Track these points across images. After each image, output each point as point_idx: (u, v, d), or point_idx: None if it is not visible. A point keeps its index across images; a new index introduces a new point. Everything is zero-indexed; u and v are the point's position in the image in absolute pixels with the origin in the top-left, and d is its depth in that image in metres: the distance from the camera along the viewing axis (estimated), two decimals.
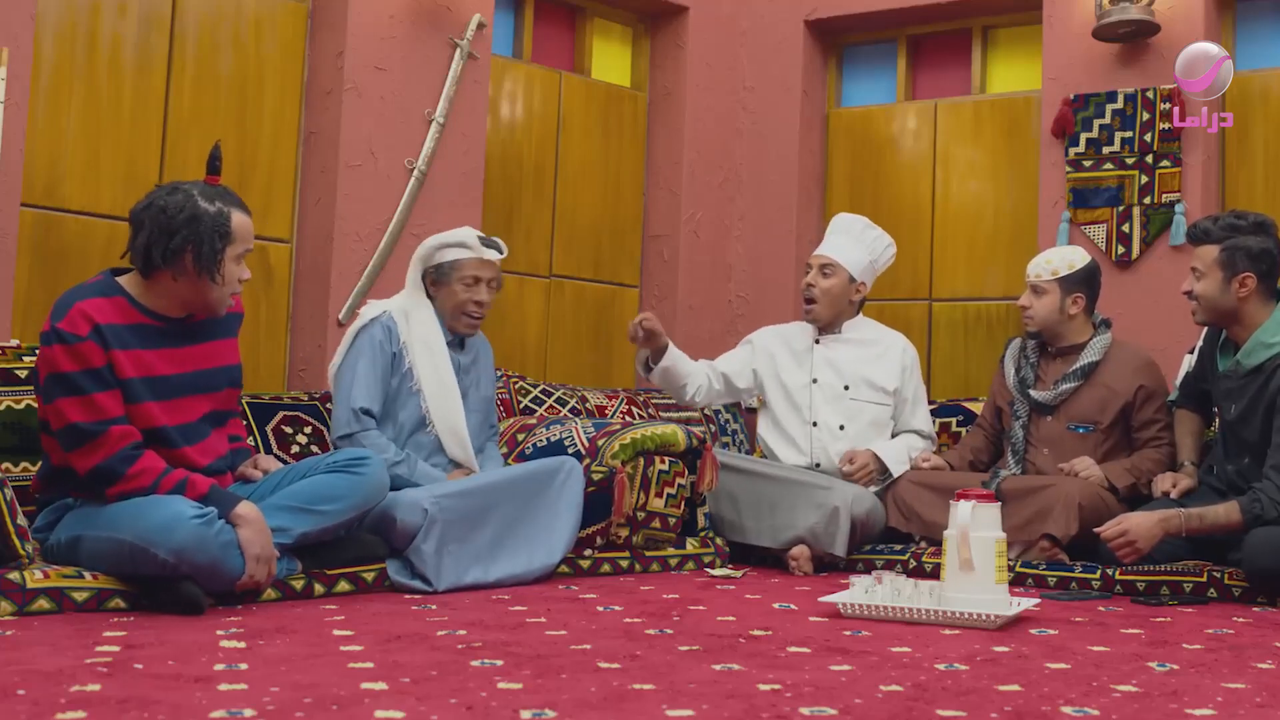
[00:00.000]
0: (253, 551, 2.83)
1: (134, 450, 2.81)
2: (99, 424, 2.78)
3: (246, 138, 4.30)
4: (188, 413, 2.98)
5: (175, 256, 2.85)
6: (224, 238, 2.88)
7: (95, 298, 2.84)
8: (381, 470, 3.21)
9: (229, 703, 1.86)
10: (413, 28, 4.51)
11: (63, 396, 2.78)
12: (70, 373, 2.78)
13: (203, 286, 2.90)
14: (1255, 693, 2.20)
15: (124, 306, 2.87)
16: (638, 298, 5.50)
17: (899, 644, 2.62)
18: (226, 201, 2.91)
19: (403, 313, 3.65)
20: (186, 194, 2.88)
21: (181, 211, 2.84)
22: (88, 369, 2.78)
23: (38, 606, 2.66)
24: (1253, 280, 3.58)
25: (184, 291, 2.91)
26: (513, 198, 5.06)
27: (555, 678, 2.13)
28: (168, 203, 2.86)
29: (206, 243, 2.85)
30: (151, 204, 2.88)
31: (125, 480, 2.79)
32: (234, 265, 2.93)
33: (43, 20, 3.84)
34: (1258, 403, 3.56)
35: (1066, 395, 4.06)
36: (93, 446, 2.79)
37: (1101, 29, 4.68)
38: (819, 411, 4.32)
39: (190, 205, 2.85)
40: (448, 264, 3.66)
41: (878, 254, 4.40)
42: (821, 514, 3.93)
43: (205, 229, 2.85)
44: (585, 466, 3.71)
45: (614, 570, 3.76)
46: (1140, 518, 3.45)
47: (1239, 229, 3.61)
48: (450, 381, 3.63)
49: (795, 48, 5.49)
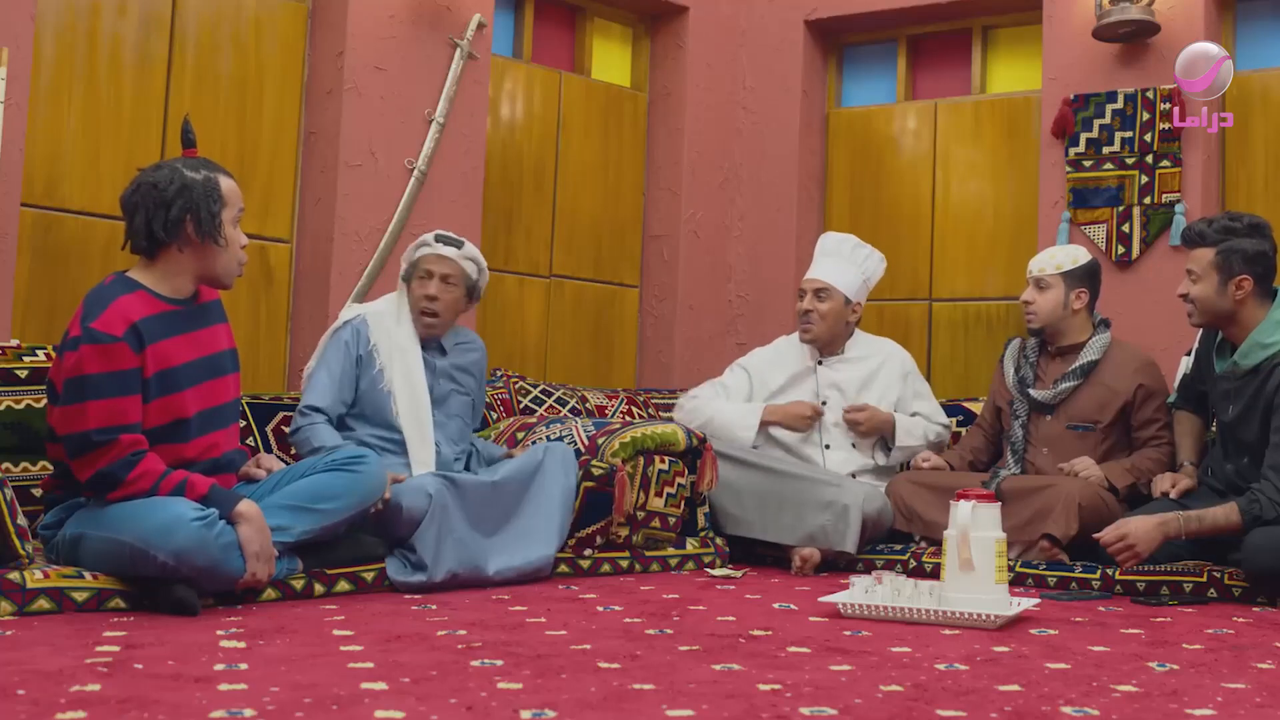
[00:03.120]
0: (252, 549, 2.83)
1: (135, 456, 2.80)
2: (111, 430, 2.77)
3: (246, 138, 4.30)
4: (216, 396, 3.02)
5: (176, 226, 2.89)
6: (217, 201, 2.93)
7: (124, 294, 2.87)
8: (379, 468, 3.22)
9: (229, 703, 1.86)
10: (413, 28, 4.51)
11: (82, 401, 2.77)
12: (95, 375, 2.77)
13: (209, 253, 2.94)
14: (1255, 693, 2.20)
15: (146, 298, 2.90)
16: (638, 298, 5.50)
17: (899, 644, 2.62)
18: (210, 169, 2.97)
19: (381, 315, 3.69)
20: (171, 168, 2.93)
21: (171, 184, 2.89)
22: (115, 371, 2.78)
23: (38, 606, 2.66)
24: (1249, 282, 3.59)
25: (192, 263, 2.95)
26: (513, 198, 5.06)
27: (555, 678, 2.13)
28: (156, 179, 2.91)
29: (203, 207, 2.90)
30: (140, 185, 2.92)
31: (126, 485, 2.79)
32: (232, 229, 2.98)
33: (43, 20, 3.84)
34: (1255, 403, 3.56)
35: (1066, 394, 4.06)
36: (98, 455, 2.78)
37: (1101, 29, 4.68)
38: (829, 434, 4.32)
39: (178, 176, 2.91)
40: (412, 263, 3.74)
41: (870, 272, 4.43)
42: (832, 512, 3.93)
43: (198, 195, 2.90)
44: (584, 462, 3.71)
45: (614, 570, 3.76)
46: (1139, 522, 3.45)
47: (1234, 231, 3.61)
48: (420, 384, 3.65)
49: (795, 48, 5.49)
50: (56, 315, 3.90)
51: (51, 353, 3.35)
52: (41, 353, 3.34)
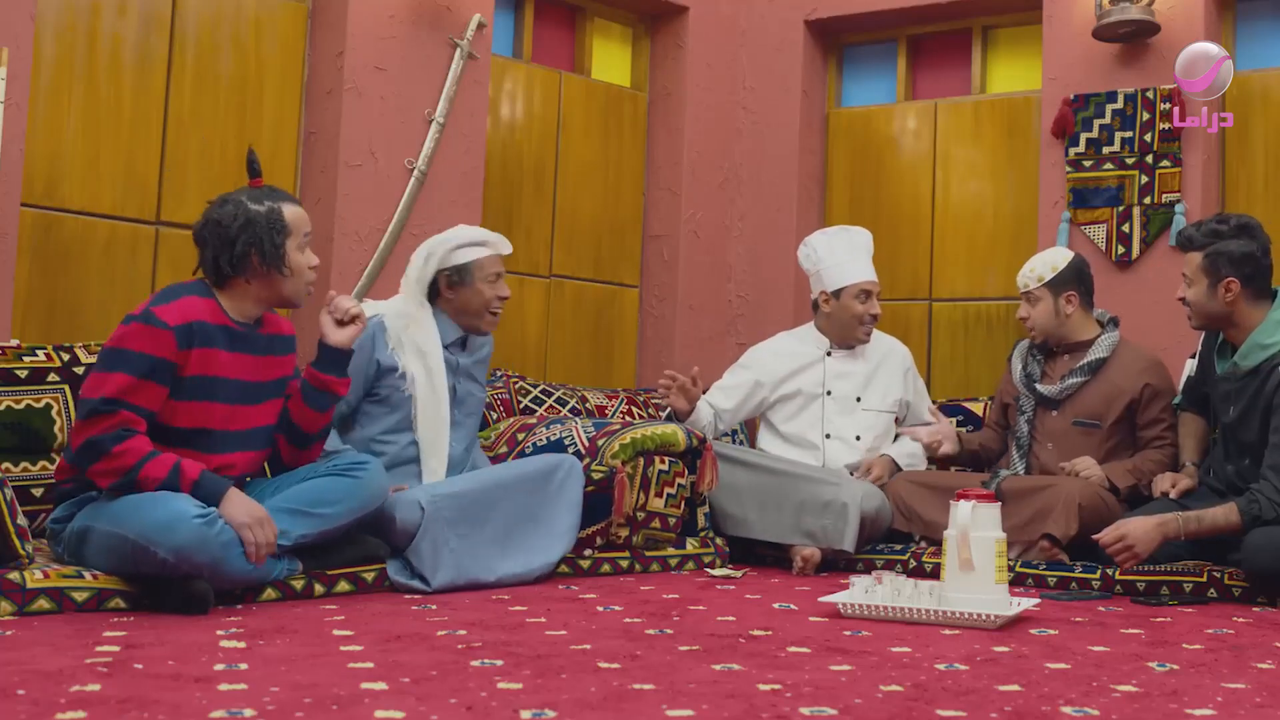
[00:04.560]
0: (239, 520, 2.83)
1: (126, 432, 2.82)
2: (118, 403, 2.81)
3: (246, 138, 4.30)
4: (248, 419, 3.06)
5: (243, 261, 3.00)
6: (280, 231, 3.03)
7: (196, 296, 2.98)
8: (381, 475, 3.22)
9: (229, 703, 1.86)
10: (413, 28, 4.51)
11: (110, 371, 2.83)
12: (132, 351, 2.84)
13: (274, 281, 3.04)
14: (1255, 693, 2.20)
15: (214, 308, 3.01)
16: (638, 298, 5.50)
17: (899, 644, 2.62)
18: (275, 198, 3.07)
19: (400, 317, 3.60)
20: (236, 202, 3.03)
21: (235, 219, 3.00)
22: (151, 355, 2.85)
23: (38, 606, 2.66)
24: (1236, 285, 3.59)
25: (260, 291, 3.05)
26: (513, 198, 5.06)
27: (555, 678, 2.13)
28: (220, 215, 3.02)
29: (267, 240, 3.01)
30: (208, 221, 3.04)
31: (110, 457, 2.80)
32: (298, 254, 3.08)
33: (43, 20, 3.84)
34: (1256, 404, 3.57)
35: (1073, 390, 4.07)
36: (95, 421, 2.81)
37: (1101, 29, 4.68)
38: (832, 423, 4.33)
39: (242, 211, 3.01)
40: (469, 264, 3.64)
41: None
42: (831, 510, 3.94)
43: (261, 229, 3.01)
44: (585, 466, 3.71)
45: (614, 570, 3.76)
46: (1139, 523, 3.45)
47: (1220, 234, 3.63)
48: (442, 393, 3.60)
49: (795, 48, 5.49)
50: (56, 315, 3.90)
51: (51, 353, 3.35)
52: (41, 353, 3.34)
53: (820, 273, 4.40)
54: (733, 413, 4.43)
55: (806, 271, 4.49)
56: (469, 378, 3.73)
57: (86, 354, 3.39)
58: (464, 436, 3.69)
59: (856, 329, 4.36)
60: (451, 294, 3.65)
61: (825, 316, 4.41)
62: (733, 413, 4.43)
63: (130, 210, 4.07)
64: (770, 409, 4.44)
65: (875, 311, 4.38)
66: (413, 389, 3.57)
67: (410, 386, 3.57)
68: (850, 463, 4.28)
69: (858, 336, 4.38)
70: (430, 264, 3.63)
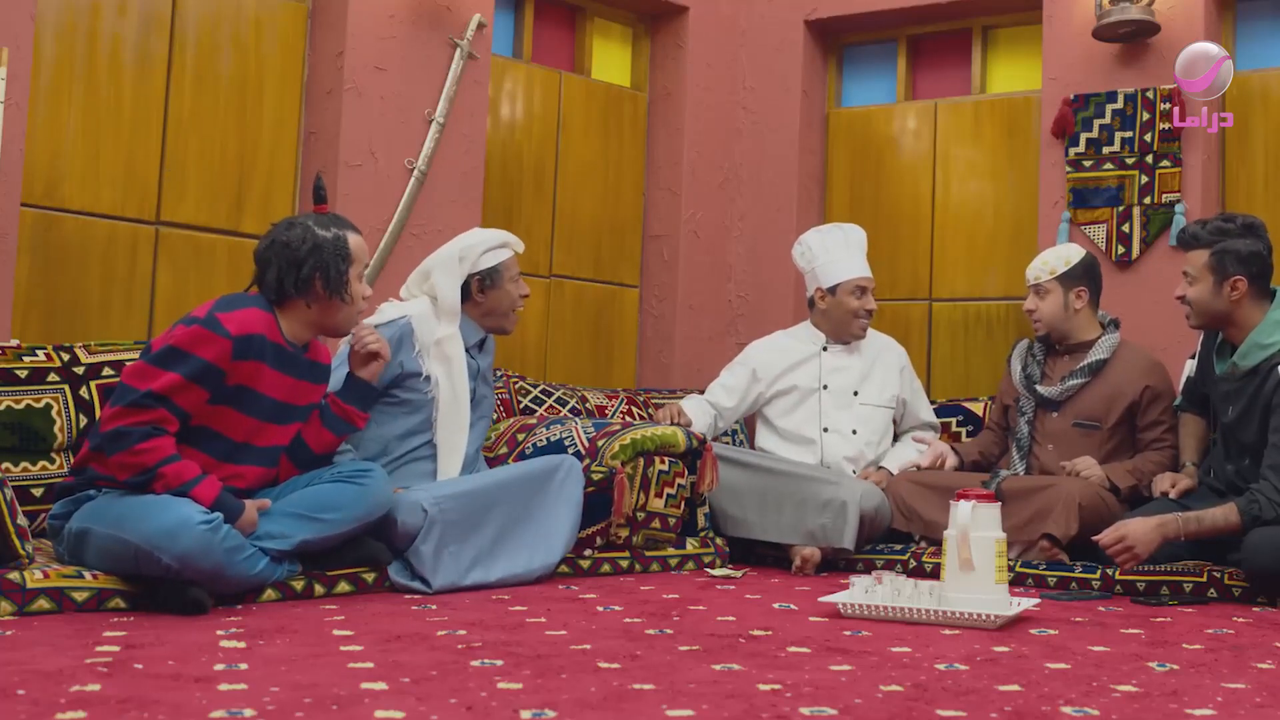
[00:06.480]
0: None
1: (156, 430, 2.83)
2: (160, 398, 2.83)
3: (246, 138, 4.30)
4: (269, 437, 3.08)
5: (307, 284, 3.05)
6: (345, 259, 3.09)
7: (259, 309, 3.01)
8: (385, 483, 3.22)
9: (229, 703, 1.86)
10: (413, 28, 4.51)
11: (163, 368, 2.85)
12: (190, 354, 2.86)
13: (333, 307, 3.11)
14: (1255, 693, 2.20)
15: (273, 325, 3.04)
16: (638, 298, 5.50)
17: (899, 644, 2.62)
18: (340, 226, 3.13)
19: (423, 319, 3.60)
20: (304, 226, 3.08)
21: (304, 243, 3.05)
22: (205, 360, 2.87)
23: (38, 606, 2.66)
24: (1244, 283, 3.59)
25: (316, 316, 3.11)
26: (513, 198, 5.06)
27: (555, 678, 2.13)
28: (289, 237, 3.06)
29: (332, 267, 3.06)
30: (274, 241, 3.07)
31: (133, 452, 2.80)
32: (357, 283, 3.14)
33: (43, 20, 3.84)
34: (1255, 404, 3.57)
35: (1073, 391, 4.07)
36: (131, 412, 2.82)
37: (1101, 29, 4.68)
38: (829, 417, 4.34)
39: (310, 235, 3.06)
40: (498, 266, 3.69)
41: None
42: (831, 509, 3.95)
43: (328, 254, 3.06)
44: (585, 467, 3.71)
45: (614, 570, 3.76)
46: (1138, 524, 3.44)
47: (1227, 232, 3.62)
48: (464, 396, 3.61)
49: (795, 48, 5.49)
50: (56, 315, 3.90)
51: (51, 353, 3.35)
52: (41, 353, 3.34)
53: (815, 270, 4.42)
54: (733, 410, 4.47)
55: (801, 269, 4.52)
56: (484, 380, 3.76)
57: (87, 354, 3.39)
58: (477, 437, 3.72)
59: (852, 324, 4.39)
60: (482, 296, 3.69)
61: (821, 313, 4.44)
62: (733, 410, 4.47)
63: (130, 210, 4.07)
64: (767, 404, 4.46)
65: (871, 307, 4.41)
66: (436, 393, 3.59)
67: (434, 390, 3.59)
68: (848, 455, 4.29)
69: (854, 332, 4.40)
70: (464, 268, 3.66)
